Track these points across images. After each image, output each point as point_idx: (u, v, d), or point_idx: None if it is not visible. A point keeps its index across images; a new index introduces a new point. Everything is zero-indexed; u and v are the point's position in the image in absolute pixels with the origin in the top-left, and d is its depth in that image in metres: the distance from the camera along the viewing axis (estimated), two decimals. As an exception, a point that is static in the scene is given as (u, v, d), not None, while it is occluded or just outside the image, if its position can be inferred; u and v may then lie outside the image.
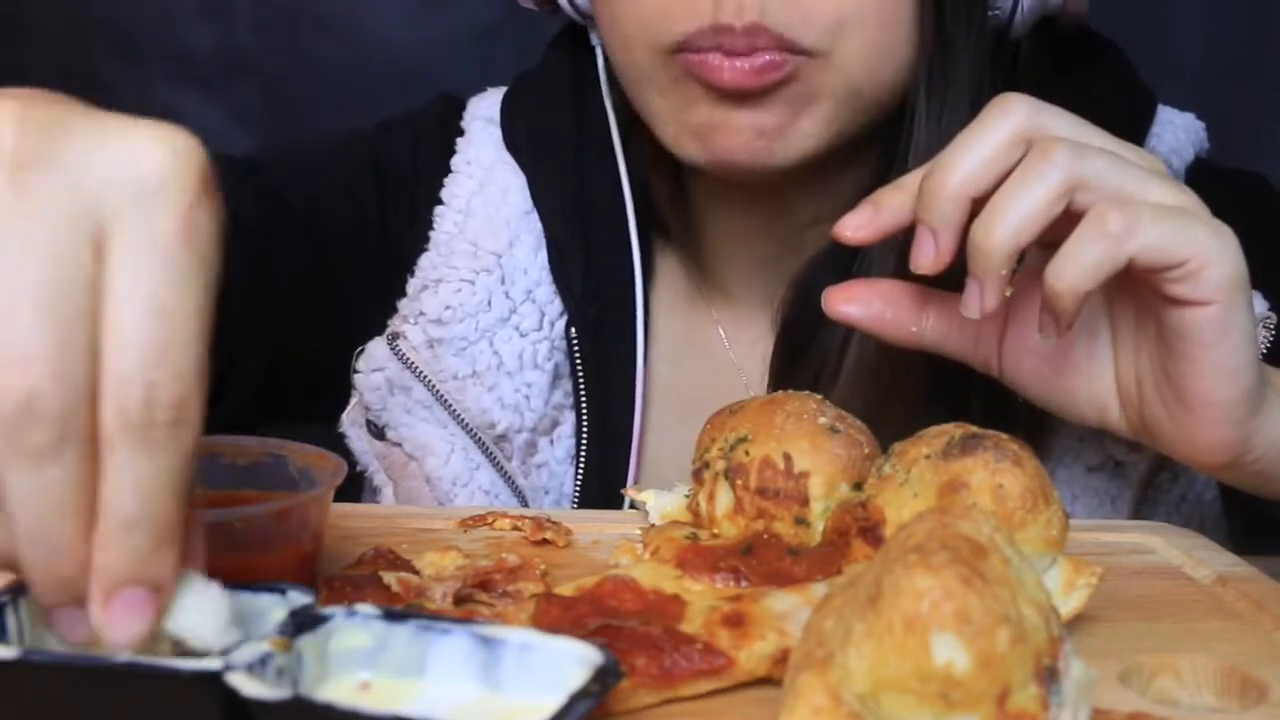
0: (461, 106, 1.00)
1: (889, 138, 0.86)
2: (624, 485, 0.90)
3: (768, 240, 0.94)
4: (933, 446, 0.61)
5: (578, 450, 0.92)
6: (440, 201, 0.96)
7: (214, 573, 0.48)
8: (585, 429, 0.92)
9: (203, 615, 0.47)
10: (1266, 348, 0.84)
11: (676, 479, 0.72)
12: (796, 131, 0.82)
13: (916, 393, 0.84)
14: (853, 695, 0.46)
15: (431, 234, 0.95)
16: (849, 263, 0.85)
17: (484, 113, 0.99)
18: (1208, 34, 1.49)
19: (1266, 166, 0.98)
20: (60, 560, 0.44)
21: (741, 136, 0.81)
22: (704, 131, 0.82)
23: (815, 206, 0.91)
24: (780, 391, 0.69)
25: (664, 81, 0.83)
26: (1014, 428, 0.76)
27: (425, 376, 0.90)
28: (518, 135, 0.97)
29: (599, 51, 0.94)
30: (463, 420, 0.90)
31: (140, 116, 0.45)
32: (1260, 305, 0.84)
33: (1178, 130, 0.93)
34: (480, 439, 0.90)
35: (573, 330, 0.92)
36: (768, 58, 0.78)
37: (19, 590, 0.50)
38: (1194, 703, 0.56)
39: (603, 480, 0.92)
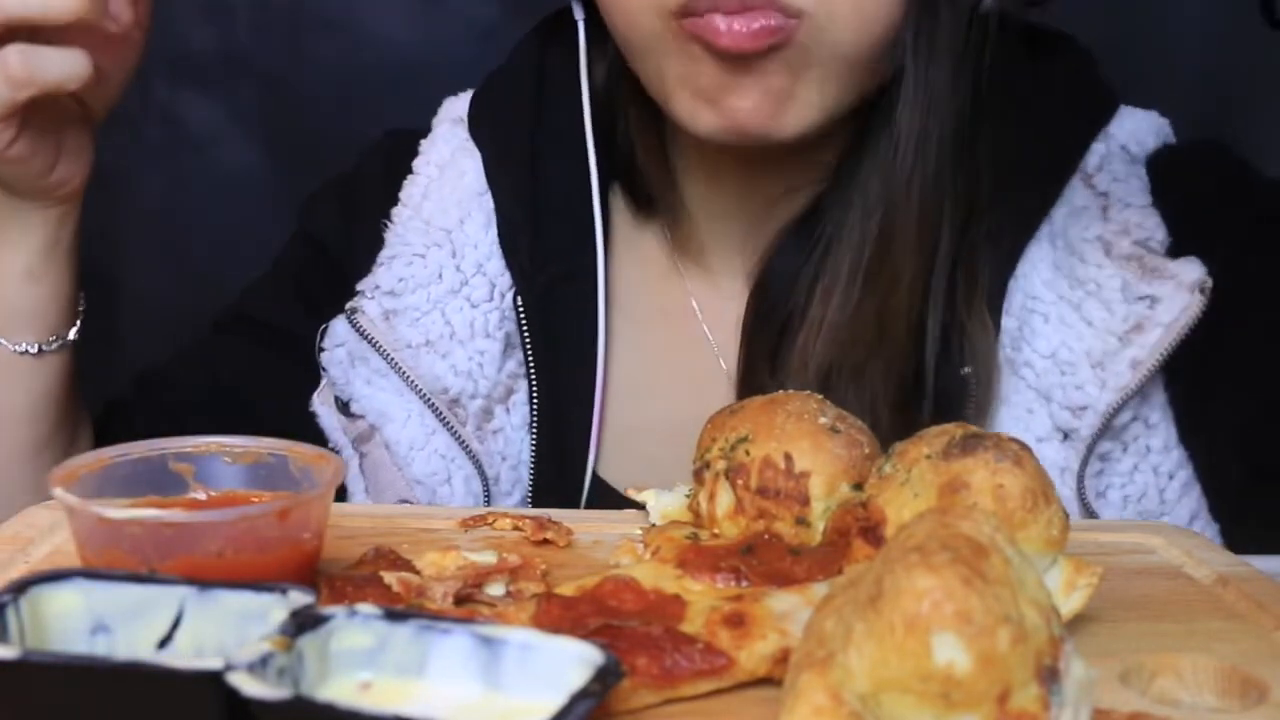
0: (409, 142, 1.03)
1: (861, 115, 0.89)
2: (585, 451, 0.94)
3: (744, 210, 0.97)
4: (933, 446, 0.61)
5: (531, 417, 0.95)
6: (398, 202, 1.00)
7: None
8: (535, 396, 0.95)
9: None
10: (1200, 313, 0.86)
11: (641, 445, 0.72)
12: (799, 99, 0.84)
13: (873, 347, 0.87)
14: (853, 695, 0.46)
15: (386, 235, 0.99)
16: (812, 230, 0.91)
17: (455, 113, 1.03)
18: (1207, 36, 1.48)
19: (1266, 169, 0.97)
20: None
21: (750, 100, 0.84)
22: (714, 95, 0.84)
23: (790, 178, 0.93)
24: (781, 391, 0.69)
25: (670, 46, 0.85)
26: (964, 397, 0.86)
27: (380, 345, 0.94)
28: (481, 118, 1.01)
29: (581, 26, 0.97)
30: (418, 387, 0.94)
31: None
32: (1198, 271, 0.87)
33: (1138, 120, 0.96)
34: (435, 405, 0.93)
35: (519, 301, 0.96)
36: (762, 22, 0.81)
37: (19, 590, 0.50)
38: (1195, 703, 0.56)
39: (561, 447, 0.94)
